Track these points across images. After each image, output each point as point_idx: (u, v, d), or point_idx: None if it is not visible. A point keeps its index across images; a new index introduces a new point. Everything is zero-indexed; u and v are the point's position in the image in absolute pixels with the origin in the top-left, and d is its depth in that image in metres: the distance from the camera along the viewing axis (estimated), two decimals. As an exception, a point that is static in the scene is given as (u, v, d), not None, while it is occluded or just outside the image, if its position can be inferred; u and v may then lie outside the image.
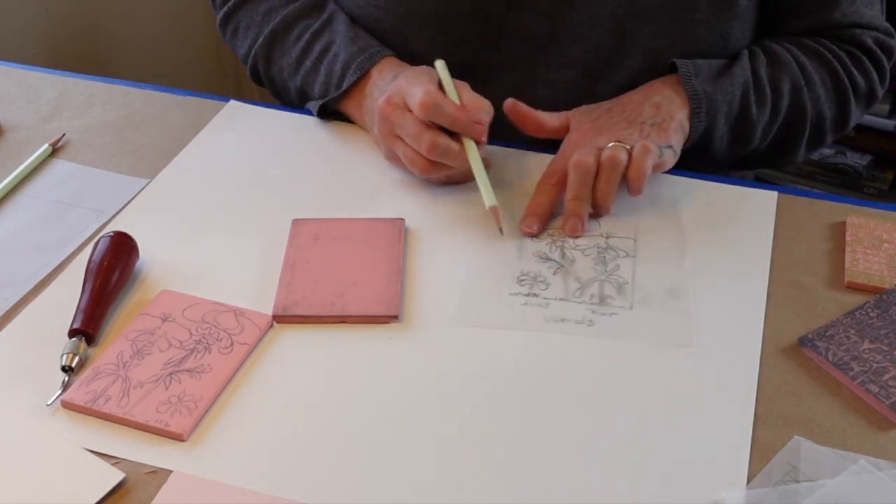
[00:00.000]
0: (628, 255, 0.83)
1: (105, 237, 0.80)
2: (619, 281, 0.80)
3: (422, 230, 0.86)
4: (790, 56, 0.97)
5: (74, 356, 0.72)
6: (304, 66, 1.00)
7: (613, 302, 0.78)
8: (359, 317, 0.77)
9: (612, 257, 0.83)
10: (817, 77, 0.97)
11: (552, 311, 0.78)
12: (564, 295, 0.79)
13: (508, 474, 0.65)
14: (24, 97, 1.05)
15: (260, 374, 0.73)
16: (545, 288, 0.80)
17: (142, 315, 0.77)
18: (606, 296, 0.79)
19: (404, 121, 0.86)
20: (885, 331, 0.75)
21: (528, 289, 0.80)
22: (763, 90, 0.95)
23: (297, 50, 1.00)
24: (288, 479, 0.65)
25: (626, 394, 0.71)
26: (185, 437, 0.68)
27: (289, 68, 1.01)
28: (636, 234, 0.85)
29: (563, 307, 0.78)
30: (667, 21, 0.94)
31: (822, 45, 0.99)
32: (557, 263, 0.82)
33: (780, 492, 0.63)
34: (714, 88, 0.92)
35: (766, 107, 0.95)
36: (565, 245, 0.84)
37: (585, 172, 0.85)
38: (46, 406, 0.69)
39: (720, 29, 0.95)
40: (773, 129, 0.97)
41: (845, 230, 0.86)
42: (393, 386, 0.72)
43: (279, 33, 1.01)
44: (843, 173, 2.11)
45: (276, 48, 1.02)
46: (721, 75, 0.94)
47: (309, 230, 0.85)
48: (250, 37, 1.04)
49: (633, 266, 0.82)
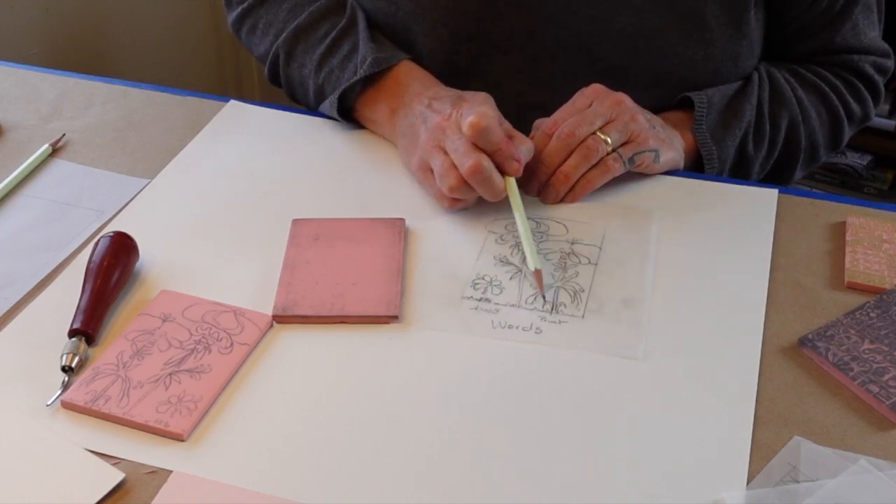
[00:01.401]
0: (590, 262, 0.82)
1: (105, 237, 0.80)
2: (575, 288, 0.80)
3: (421, 230, 0.86)
4: (790, 90, 0.99)
5: (74, 356, 0.72)
6: (329, 64, 0.98)
7: (565, 310, 0.78)
8: (359, 317, 0.77)
9: (573, 263, 0.82)
10: (814, 111, 1.00)
11: (501, 317, 0.77)
12: (517, 301, 0.79)
13: (508, 474, 0.65)
14: (24, 97, 1.05)
15: (260, 374, 0.73)
16: (499, 293, 0.79)
17: (142, 315, 0.77)
18: (560, 303, 0.78)
19: (455, 138, 0.84)
20: (886, 331, 0.75)
21: (482, 293, 0.79)
22: (763, 127, 0.97)
23: (323, 47, 0.99)
24: (287, 479, 0.65)
25: (628, 392, 0.71)
26: (185, 437, 0.68)
27: (312, 65, 1.00)
28: (602, 242, 0.84)
29: (512, 313, 0.77)
30: (676, 40, 0.93)
31: (820, 76, 1.01)
32: (516, 268, 0.82)
33: (780, 492, 0.63)
34: (724, 135, 0.94)
35: (763, 144, 0.98)
36: None
37: (567, 145, 0.87)
38: (46, 406, 0.69)
39: (730, 49, 0.95)
40: (768, 164, 1.00)
41: (845, 230, 0.86)
42: (392, 386, 0.72)
43: (305, 29, 1.00)
44: (843, 173, 2.11)
45: (300, 44, 1.01)
46: (731, 113, 0.95)
47: (309, 230, 0.85)
48: (272, 33, 1.03)
49: (592, 274, 0.81)
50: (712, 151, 0.94)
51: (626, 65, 0.95)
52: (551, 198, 0.88)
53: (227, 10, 1.10)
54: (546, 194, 0.88)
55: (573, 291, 0.79)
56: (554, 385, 0.71)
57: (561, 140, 0.87)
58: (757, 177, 1.01)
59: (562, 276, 0.81)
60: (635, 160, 0.88)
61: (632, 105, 0.89)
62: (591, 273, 0.81)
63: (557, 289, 0.80)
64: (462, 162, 0.82)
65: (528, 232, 0.82)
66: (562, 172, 0.87)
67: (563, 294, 0.79)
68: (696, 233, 0.85)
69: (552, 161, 0.87)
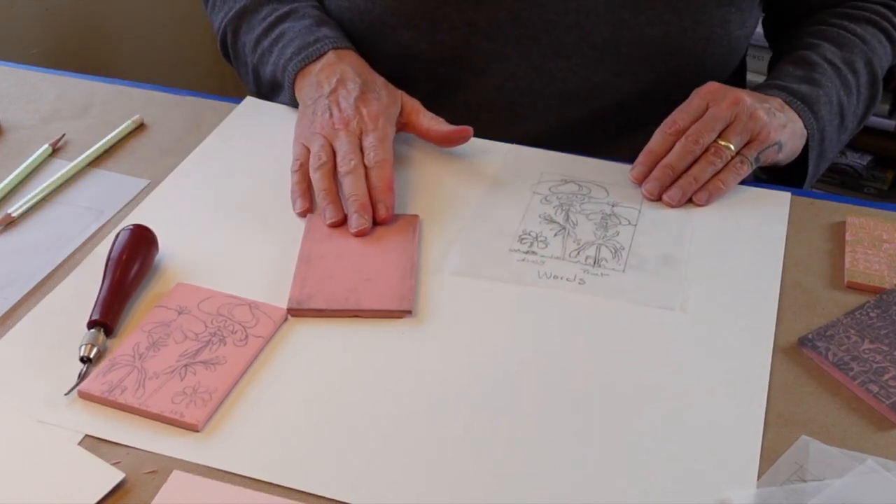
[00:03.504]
0: (630, 223, 0.86)
1: (125, 230, 0.81)
2: (616, 246, 0.83)
3: (435, 226, 0.86)
4: (847, 32, 0.99)
5: (93, 347, 0.72)
6: (261, 46, 1.01)
7: (607, 264, 0.81)
8: (373, 311, 0.77)
9: (613, 224, 0.86)
10: (875, 40, 1.01)
11: (546, 268, 0.81)
12: (561, 254, 0.82)
13: (516, 469, 0.65)
14: (24, 97, 1.05)
15: (274, 366, 0.73)
16: (544, 247, 0.83)
17: (158, 307, 0.77)
18: (601, 258, 0.82)
19: (348, 140, 0.87)
20: (886, 331, 0.75)
21: (528, 247, 0.83)
22: (846, 78, 0.97)
23: (260, 30, 1.02)
24: (300, 470, 0.65)
25: (630, 392, 0.71)
26: (200, 427, 0.68)
27: (249, 45, 1.03)
28: (641, 205, 0.88)
29: (557, 265, 0.81)
30: (662, 8, 0.94)
31: (861, 7, 1.02)
32: (560, 226, 0.85)
33: (787, 491, 0.63)
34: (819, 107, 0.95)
35: (852, 93, 0.98)
36: (571, 209, 0.87)
37: (691, 151, 0.88)
38: (63, 396, 0.70)
39: (719, 15, 0.95)
40: (859, 108, 1.01)
41: (845, 230, 0.86)
42: (405, 380, 0.72)
43: (249, 10, 1.03)
44: (843, 173, 2.11)
45: (244, 24, 1.03)
46: (812, 83, 0.95)
47: (324, 225, 0.85)
48: (224, 10, 1.06)
49: (632, 234, 0.85)
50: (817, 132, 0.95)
51: (614, 38, 0.95)
52: (677, 199, 0.88)
53: None
54: (671, 195, 0.88)
55: (614, 249, 0.83)
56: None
57: (686, 147, 0.88)
58: (855, 127, 1.02)
59: (603, 235, 0.85)
60: (760, 158, 0.90)
61: (749, 102, 0.90)
62: (630, 233, 0.85)
63: (599, 245, 0.83)
64: (342, 160, 0.86)
65: None
66: (691, 176, 0.88)
67: (604, 251, 0.83)
68: (709, 234, 0.86)
69: (678, 165, 0.89)
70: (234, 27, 1.05)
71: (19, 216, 0.87)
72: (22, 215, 0.88)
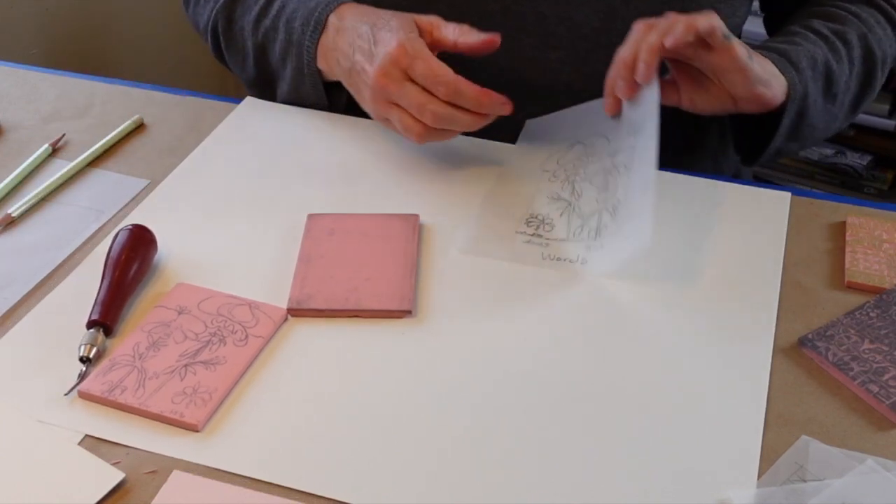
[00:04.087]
0: (627, 168, 0.85)
1: (124, 230, 0.81)
2: (614, 204, 0.84)
3: (435, 226, 0.86)
4: (840, 10, 0.98)
5: (92, 347, 0.72)
6: (263, 24, 1.00)
7: (606, 231, 0.83)
8: (372, 311, 0.77)
9: (613, 179, 0.86)
10: (872, 19, 0.99)
11: (550, 250, 0.83)
12: (566, 235, 0.84)
13: (517, 469, 0.65)
14: (24, 97, 1.05)
15: (274, 366, 0.73)
16: (550, 230, 0.85)
17: (158, 307, 0.77)
18: (603, 225, 0.83)
19: (405, 93, 0.86)
20: (886, 331, 0.75)
21: (534, 230, 0.85)
22: (835, 45, 0.95)
23: (258, 8, 1.00)
24: (300, 470, 0.65)
25: (630, 392, 0.71)
26: (200, 427, 0.68)
27: (249, 27, 1.01)
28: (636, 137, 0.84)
29: (561, 247, 0.83)
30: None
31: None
32: (566, 202, 0.87)
33: (787, 491, 0.63)
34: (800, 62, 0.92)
35: (843, 61, 0.95)
36: (577, 179, 0.88)
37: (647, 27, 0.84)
38: (63, 396, 0.70)
39: (707, 4, 0.95)
40: (852, 82, 0.97)
41: (845, 230, 0.86)
42: (405, 380, 0.72)
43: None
44: (843, 173, 2.11)
45: (238, 7, 1.02)
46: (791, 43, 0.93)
47: (324, 225, 0.85)
48: (212, 1, 1.05)
49: (627, 181, 0.83)
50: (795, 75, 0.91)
51: (606, 28, 0.95)
52: (642, 72, 0.82)
53: None
54: (637, 73, 0.83)
55: (613, 207, 0.84)
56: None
57: (635, 38, 0.84)
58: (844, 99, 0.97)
59: (605, 198, 0.85)
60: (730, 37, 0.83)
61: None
62: (626, 181, 0.84)
63: (601, 212, 0.85)
64: (421, 115, 0.85)
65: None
66: (644, 43, 0.83)
67: (605, 216, 0.84)
68: (709, 234, 0.85)
69: (629, 53, 0.84)
70: (227, 13, 1.03)
71: (19, 216, 0.87)
72: (22, 215, 0.88)
